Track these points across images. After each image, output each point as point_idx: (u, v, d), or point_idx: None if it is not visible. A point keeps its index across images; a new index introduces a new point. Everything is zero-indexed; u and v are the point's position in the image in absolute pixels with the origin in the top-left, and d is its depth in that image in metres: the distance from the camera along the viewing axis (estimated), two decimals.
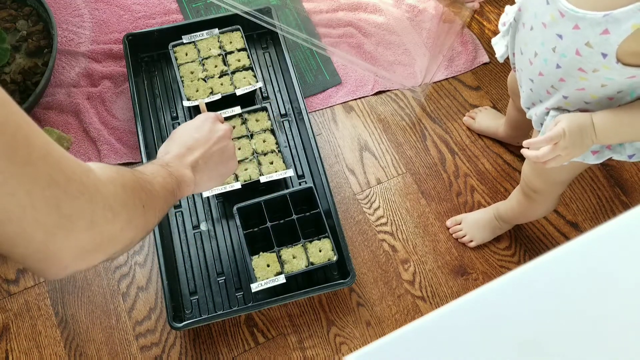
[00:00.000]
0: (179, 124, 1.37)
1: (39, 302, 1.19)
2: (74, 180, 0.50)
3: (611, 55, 0.71)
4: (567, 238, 1.28)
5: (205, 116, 0.93)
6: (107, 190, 0.55)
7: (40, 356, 1.15)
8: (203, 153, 0.86)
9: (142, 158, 1.26)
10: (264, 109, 1.29)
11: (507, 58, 0.96)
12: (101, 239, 0.54)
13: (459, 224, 1.26)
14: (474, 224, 1.24)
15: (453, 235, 1.26)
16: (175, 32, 1.38)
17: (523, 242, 1.27)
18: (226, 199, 1.27)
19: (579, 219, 1.29)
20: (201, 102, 1.03)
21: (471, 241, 1.25)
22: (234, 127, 1.27)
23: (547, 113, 0.86)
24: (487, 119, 1.37)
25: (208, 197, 1.28)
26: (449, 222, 1.28)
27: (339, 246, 1.16)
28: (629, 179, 1.32)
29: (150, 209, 0.65)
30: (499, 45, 0.96)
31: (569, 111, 0.83)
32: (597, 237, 0.42)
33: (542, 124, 0.88)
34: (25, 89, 1.33)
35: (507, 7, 0.92)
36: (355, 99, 1.43)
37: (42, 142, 0.48)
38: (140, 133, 1.28)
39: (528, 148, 0.83)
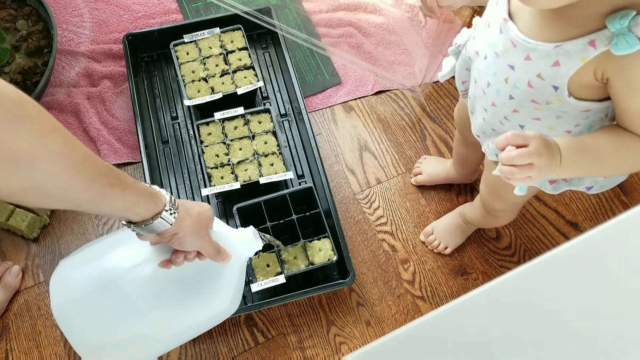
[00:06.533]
0: (179, 124, 1.38)
1: (39, 302, 1.19)
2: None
3: (562, 88, 0.69)
4: (567, 238, 1.28)
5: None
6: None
7: (40, 356, 1.15)
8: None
9: (142, 158, 1.25)
10: (267, 110, 1.29)
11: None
12: None
13: (432, 234, 1.25)
14: (445, 230, 1.23)
15: (429, 247, 1.25)
16: (175, 32, 1.38)
17: (523, 242, 1.27)
18: (226, 199, 1.27)
19: (579, 218, 1.29)
20: None
21: (446, 248, 1.24)
22: (235, 128, 1.27)
23: None
24: (432, 166, 1.31)
25: (207, 197, 1.28)
26: (422, 237, 1.27)
27: (339, 246, 1.16)
28: (628, 179, 1.32)
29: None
30: (445, 65, 0.93)
31: None
32: (597, 237, 0.42)
33: (497, 155, 0.86)
34: (25, 89, 1.33)
35: (464, 30, 0.89)
36: (355, 99, 1.43)
37: None
38: (140, 133, 1.28)
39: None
